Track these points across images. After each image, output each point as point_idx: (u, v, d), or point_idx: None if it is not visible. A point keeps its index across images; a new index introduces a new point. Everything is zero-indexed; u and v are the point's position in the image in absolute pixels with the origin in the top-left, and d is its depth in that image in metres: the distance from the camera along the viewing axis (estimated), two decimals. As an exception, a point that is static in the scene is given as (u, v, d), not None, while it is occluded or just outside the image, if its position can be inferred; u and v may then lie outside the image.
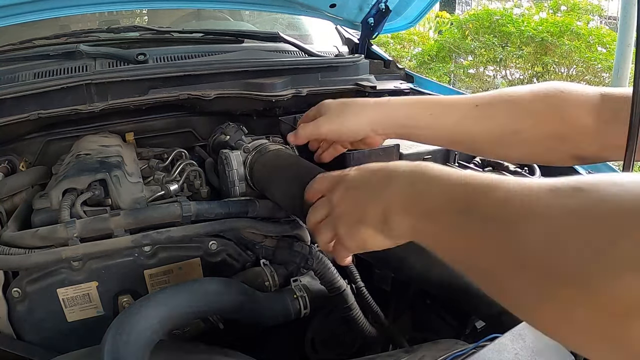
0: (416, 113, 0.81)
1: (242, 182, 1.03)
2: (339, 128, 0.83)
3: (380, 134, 0.83)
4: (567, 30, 5.59)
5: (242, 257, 0.95)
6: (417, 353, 0.78)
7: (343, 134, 0.84)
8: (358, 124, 0.82)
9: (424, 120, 0.81)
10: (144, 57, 1.27)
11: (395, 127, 0.82)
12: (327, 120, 0.84)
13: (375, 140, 0.85)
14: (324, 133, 0.85)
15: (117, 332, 0.65)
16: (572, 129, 0.73)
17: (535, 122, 0.75)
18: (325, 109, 0.87)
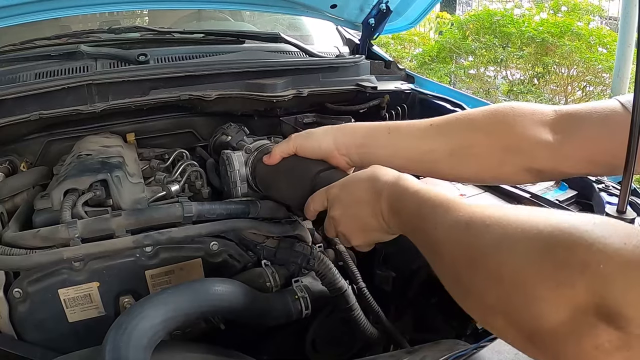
0: (375, 132, 0.87)
1: (243, 183, 1.03)
2: (306, 144, 0.89)
3: (343, 154, 0.88)
4: (567, 31, 5.58)
5: (243, 257, 0.95)
6: (418, 353, 0.78)
7: (308, 151, 0.89)
8: (322, 142, 0.88)
9: (382, 139, 0.86)
10: (145, 57, 1.27)
11: (355, 146, 0.87)
12: (297, 137, 0.91)
13: (339, 160, 0.88)
14: (292, 149, 0.91)
15: (119, 333, 0.65)
16: (524, 141, 0.75)
17: (487, 136, 0.79)
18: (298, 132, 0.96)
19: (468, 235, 0.52)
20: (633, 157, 0.59)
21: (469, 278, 0.52)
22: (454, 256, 0.54)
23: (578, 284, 0.40)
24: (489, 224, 0.50)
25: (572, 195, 1.09)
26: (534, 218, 0.47)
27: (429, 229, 0.60)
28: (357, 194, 0.75)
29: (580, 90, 5.88)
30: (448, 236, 0.56)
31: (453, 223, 0.55)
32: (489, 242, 0.49)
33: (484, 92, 6.23)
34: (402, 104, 1.49)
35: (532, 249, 0.44)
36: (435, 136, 0.83)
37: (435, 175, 0.88)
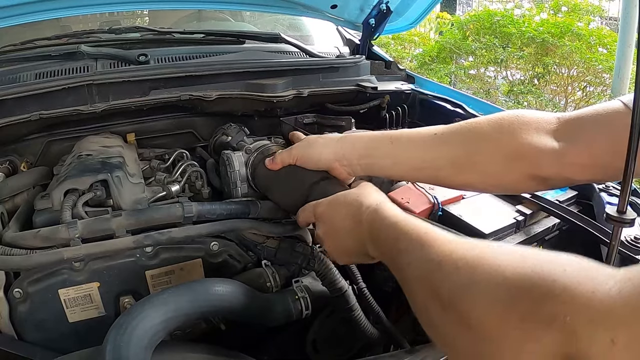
0: (377, 143, 0.86)
1: (243, 183, 1.03)
2: (307, 155, 0.90)
3: (345, 165, 0.87)
4: (568, 31, 5.58)
5: (243, 257, 0.95)
6: (419, 354, 0.78)
7: (308, 162, 0.89)
8: (322, 155, 0.88)
9: (384, 148, 0.85)
10: (145, 57, 1.27)
11: (356, 157, 0.86)
12: (298, 147, 0.91)
13: (339, 171, 0.88)
14: (293, 159, 0.91)
15: (119, 333, 0.65)
16: (528, 148, 0.74)
17: (490, 143, 0.78)
18: (299, 139, 0.97)
19: (439, 277, 0.51)
20: (633, 157, 0.58)
21: (440, 321, 0.51)
22: (425, 297, 0.54)
23: (545, 337, 0.39)
24: (460, 266, 0.49)
25: (572, 196, 1.09)
26: (506, 263, 0.46)
27: (402, 265, 0.59)
28: (340, 218, 0.76)
29: (581, 91, 5.88)
30: (419, 275, 0.55)
31: (425, 262, 0.55)
32: (459, 286, 0.48)
33: (484, 93, 6.23)
34: (402, 104, 1.49)
35: (499, 298, 0.44)
36: (438, 145, 0.82)
37: (439, 183, 0.87)
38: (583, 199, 1.10)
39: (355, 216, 0.73)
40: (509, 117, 0.79)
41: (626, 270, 0.39)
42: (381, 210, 0.69)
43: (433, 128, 0.84)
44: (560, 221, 1.01)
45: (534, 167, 0.75)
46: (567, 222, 0.99)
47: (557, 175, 0.74)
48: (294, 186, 0.91)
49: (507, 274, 0.45)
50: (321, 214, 0.80)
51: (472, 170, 0.80)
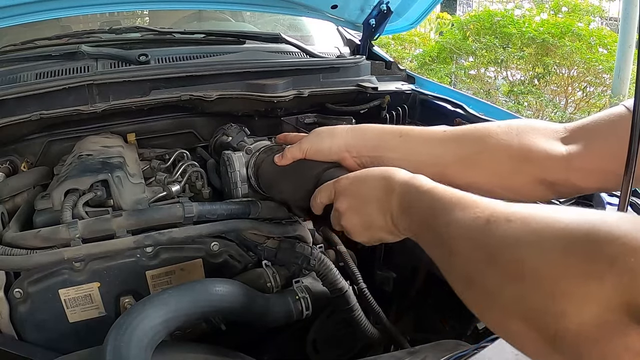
0: (387, 136, 0.87)
1: (244, 184, 1.03)
2: (317, 147, 0.89)
3: (355, 157, 0.87)
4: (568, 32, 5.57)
5: (244, 258, 0.95)
6: (419, 354, 0.78)
7: (319, 154, 0.89)
8: (333, 146, 0.88)
9: (393, 142, 0.85)
10: (146, 57, 1.27)
11: (367, 149, 0.86)
12: (308, 140, 0.90)
13: (350, 162, 0.88)
14: (303, 153, 0.90)
15: (119, 333, 0.65)
16: (535, 150, 0.75)
17: (499, 143, 0.78)
18: (297, 139, 0.95)
19: (486, 232, 0.50)
20: (633, 157, 0.58)
21: (484, 277, 0.49)
22: (469, 254, 0.51)
23: (607, 277, 0.37)
24: (512, 219, 0.48)
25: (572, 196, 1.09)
26: (560, 214, 0.45)
27: (440, 226, 0.57)
28: (367, 189, 0.73)
29: (581, 91, 5.88)
30: (463, 233, 0.53)
31: (470, 220, 0.53)
32: (510, 237, 0.47)
33: (485, 93, 6.23)
34: (402, 105, 1.49)
35: (557, 243, 0.42)
36: (447, 142, 0.82)
37: (445, 180, 0.85)
38: (583, 199, 1.10)
39: (386, 187, 0.70)
40: (518, 122, 0.80)
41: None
42: (416, 180, 0.67)
43: (443, 127, 0.85)
44: (560, 221, 1.01)
45: (542, 170, 0.75)
46: (567, 222, 0.99)
47: (565, 181, 0.74)
48: (303, 178, 0.89)
49: (565, 221, 0.43)
50: (344, 187, 0.77)
51: (479, 169, 0.80)
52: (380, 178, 0.73)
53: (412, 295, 1.15)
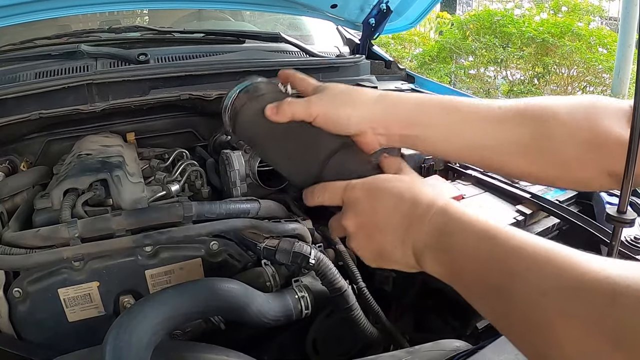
0: (427, 109, 0.68)
1: (243, 183, 1.03)
2: (332, 114, 0.68)
3: (381, 134, 0.68)
4: (568, 31, 5.58)
5: (243, 257, 0.95)
6: (419, 353, 0.77)
7: (334, 123, 0.68)
8: (353, 116, 0.67)
9: (436, 116, 0.67)
10: (145, 57, 1.27)
11: (398, 125, 0.67)
12: (320, 102, 0.69)
13: (370, 140, 0.69)
14: (314, 115, 0.68)
15: (119, 332, 0.65)
16: (609, 137, 0.62)
17: (567, 127, 0.64)
18: (323, 88, 0.72)
19: (609, 310, 0.37)
20: (633, 157, 0.58)
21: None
22: (586, 339, 0.38)
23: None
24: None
25: (572, 196, 1.09)
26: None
27: (527, 293, 0.42)
28: (385, 212, 0.58)
29: (581, 91, 5.88)
30: (575, 310, 0.39)
31: (580, 290, 0.39)
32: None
33: (484, 92, 6.23)
34: (402, 104, 1.48)
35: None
36: (503, 121, 0.66)
37: (494, 168, 0.72)
38: (583, 198, 1.10)
39: (409, 214, 0.56)
40: (581, 99, 0.66)
41: None
42: (456, 209, 0.54)
43: (498, 101, 0.68)
44: (560, 221, 1.01)
45: (613, 160, 0.62)
46: (567, 222, 0.99)
47: (636, 175, 0.60)
48: (302, 152, 0.70)
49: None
50: (356, 200, 0.61)
51: (540, 158, 0.66)
52: (400, 199, 0.58)
53: (412, 294, 1.15)
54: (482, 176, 1.13)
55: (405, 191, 0.58)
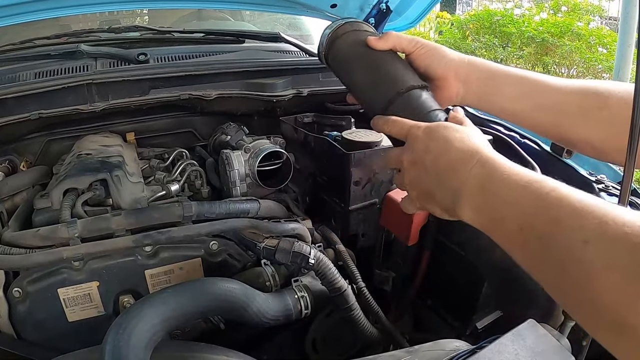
0: (504, 70, 0.78)
1: (243, 182, 1.03)
2: (428, 50, 0.80)
3: (461, 81, 0.78)
4: (567, 31, 5.59)
5: (243, 257, 0.95)
6: (418, 353, 0.77)
7: (428, 59, 0.79)
8: (447, 59, 0.79)
9: (513, 79, 0.77)
10: (145, 57, 1.27)
11: (478, 76, 0.78)
12: (422, 41, 0.81)
13: (451, 86, 0.78)
14: (410, 48, 0.80)
15: (118, 332, 0.65)
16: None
17: (622, 102, 0.71)
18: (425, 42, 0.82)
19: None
20: (633, 156, 0.58)
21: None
22: (622, 287, 0.39)
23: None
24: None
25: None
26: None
27: (571, 239, 0.44)
28: (436, 155, 0.62)
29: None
30: (612, 259, 0.40)
31: (621, 236, 0.40)
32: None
33: (484, 92, 6.24)
34: (402, 104, 1.49)
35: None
36: (570, 91, 0.74)
37: (558, 132, 0.78)
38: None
39: (454, 160, 0.60)
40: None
41: None
42: (496, 163, 0.56)
43: (564, 79, 0.78)
44: (559, 221, 1.01)
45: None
46: (566, 221, 0.99)
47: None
48: (385, 80, 0.77)
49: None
50: (416, 139, 0.65)
51: (597, 126, 0.73)
52: (451, 144, 0.61)
53: (411, 294, 1.15)
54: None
55: (456, 139, 0.62)
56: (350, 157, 1.00)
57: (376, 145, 1.05)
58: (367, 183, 1.04)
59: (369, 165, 1.02)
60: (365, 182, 1.03)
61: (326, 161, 1.10)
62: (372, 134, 1.07)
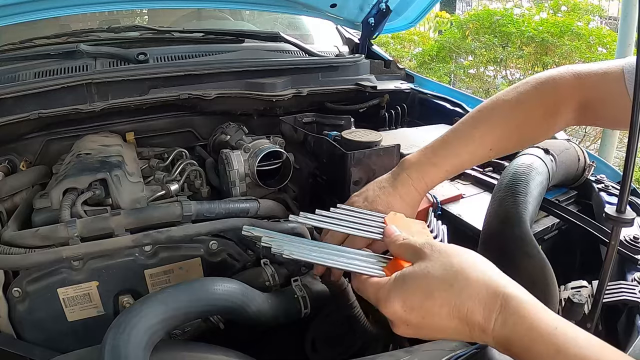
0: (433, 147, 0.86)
1: (242, 182, 1.03)
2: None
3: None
4: (567, 31, 5.58)
5: (242, 256, 0.95)
6: (418, 353, 0.77)
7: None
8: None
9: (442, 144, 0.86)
10: (145, 56, 1.27)
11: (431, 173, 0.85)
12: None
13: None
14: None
15: (118, 332, 0.65)
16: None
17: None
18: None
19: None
20: (633, 156, 0.58)
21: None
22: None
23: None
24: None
25: (572, 195, 1.09)
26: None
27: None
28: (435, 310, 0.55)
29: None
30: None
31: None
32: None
33: (484, 92, 6.23)
34: (401, 104, 1.49)
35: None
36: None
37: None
38: (583, 198, 1.10)
39: (488, 303, 0.53)
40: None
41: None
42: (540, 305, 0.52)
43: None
44: (559, 221, 1.01)
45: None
46: (566, 221, 0.99)
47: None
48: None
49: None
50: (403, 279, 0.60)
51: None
52: (482, 282, 0.54)
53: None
54: (482, 176, 1.13)
55: (485, 274, 0.56)
56: (349, 157, 1.00)
57: (376, 145, 1.05)
58: (366, 183, 1.04)
59: (369, 165, 1.02)
60: (365, 182, 1.03)
61: (326, 161, 1.10)
62: (372, 134, 1.07)
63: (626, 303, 0.77)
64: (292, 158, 1.10)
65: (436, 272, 0.56)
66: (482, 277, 0.54)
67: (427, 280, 0.57)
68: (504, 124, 0.84)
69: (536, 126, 0.86)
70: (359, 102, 1.44)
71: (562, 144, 1.05)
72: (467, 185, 1.13)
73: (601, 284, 0.70)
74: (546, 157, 0.97)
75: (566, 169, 1.04)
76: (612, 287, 0.79)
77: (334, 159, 1.04)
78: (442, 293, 0.55)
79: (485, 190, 1.10)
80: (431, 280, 0.56)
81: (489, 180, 1.11)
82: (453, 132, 0.87)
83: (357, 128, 1.17)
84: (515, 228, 0.81)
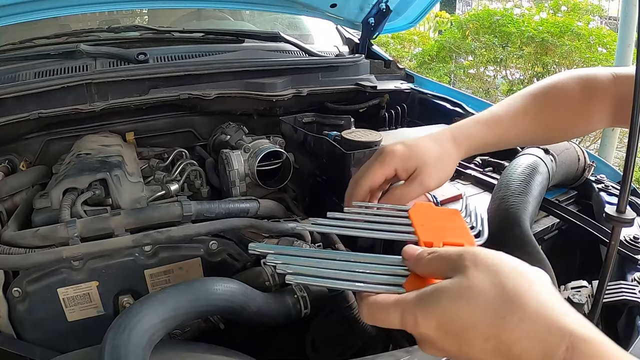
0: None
1: (242, 182, 1.03)
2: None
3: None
4: (567, 31, 5.58)
5: (242, 256, 0.95)
6: (418, 353, 0.77)
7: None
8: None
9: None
10: (145, 56, 1.27)
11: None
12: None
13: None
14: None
15: (118, 332, 0.65)
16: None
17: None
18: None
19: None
20: (633, 156, 0.58)
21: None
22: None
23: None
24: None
25: (572, 195, 1.09)
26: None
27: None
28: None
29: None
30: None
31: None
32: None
33: (484, 92, 6.23)
34: (401, 104, 1.49)
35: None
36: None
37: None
38: (583, 198, 1.10)
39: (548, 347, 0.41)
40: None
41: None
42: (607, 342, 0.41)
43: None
44: (559, 221, 1.01)
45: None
46: (566, 221, 0.99)
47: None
48: None
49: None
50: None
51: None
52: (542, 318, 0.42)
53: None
54: (482, 176, 1.13)
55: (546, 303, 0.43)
56: (350, 157, 1.00)
57: (376, 145, 1.05)
58: (366, 183, 1.04)
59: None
60: (365, 182, 1.03)
61: (326, 161, 1.10)
62: (372, 134, 1.07)
63: (626, 303, 0.77)
64: (292, 158, 1.10)
65: (483, 295, 0.44)
66: (542, 310, 0.42)
67: (469, 305, 0.44)
68: (554, 115, 0.85)
69: (575, 117, 0.86)
70: (359, 102, 1.44)
71: (562, 144, 1.05)
72: (467, 185, 1.13)
73: (601, 284, 0.70)
74: (546, 157, 0.97)
75: (566, 169, 1.04)
76: (612, 287, 0.79)
77: (334, 159, 1.04)
78: (490, 326, 0.43)
79: (485, 190, 1.10)
80: (476, 306, 0.44)
81: (489, 180, 1.11)
82: (502, 107, 0.86)
83: (357, 128, 1.17)
84: (515, 228, 0.81)
